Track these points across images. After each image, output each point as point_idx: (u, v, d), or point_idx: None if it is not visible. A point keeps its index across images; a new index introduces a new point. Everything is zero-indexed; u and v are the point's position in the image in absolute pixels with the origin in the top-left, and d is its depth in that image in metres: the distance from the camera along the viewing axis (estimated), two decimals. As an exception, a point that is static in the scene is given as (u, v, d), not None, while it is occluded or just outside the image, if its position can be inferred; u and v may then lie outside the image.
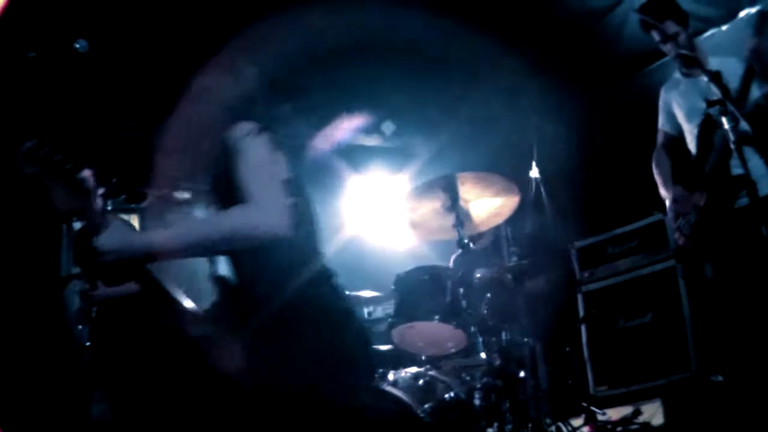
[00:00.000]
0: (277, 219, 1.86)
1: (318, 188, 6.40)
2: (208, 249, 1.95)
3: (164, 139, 2.21)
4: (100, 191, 4.89)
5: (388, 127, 5.92)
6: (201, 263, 2.12)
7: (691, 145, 3.90)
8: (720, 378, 3.94)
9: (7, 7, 4.10)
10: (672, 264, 4.37)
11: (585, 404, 4.40)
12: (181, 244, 1.88)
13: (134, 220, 5.81)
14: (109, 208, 5.17)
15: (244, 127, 2.04)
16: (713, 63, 3.52)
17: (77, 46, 3.15)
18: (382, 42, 4.91)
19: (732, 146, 3.18)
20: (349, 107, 5.62)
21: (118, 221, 1.94)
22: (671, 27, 3.80)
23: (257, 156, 1.98)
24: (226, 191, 1.99)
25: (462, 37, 4.66)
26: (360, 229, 6.33)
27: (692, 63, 3.73)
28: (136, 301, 4.74)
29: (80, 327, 4.95)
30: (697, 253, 3.75)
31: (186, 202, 2.22)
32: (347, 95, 5.51)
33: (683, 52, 3.72)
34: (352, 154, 6.24)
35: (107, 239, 1.86)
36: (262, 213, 1.87)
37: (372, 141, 6.24)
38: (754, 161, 3.38)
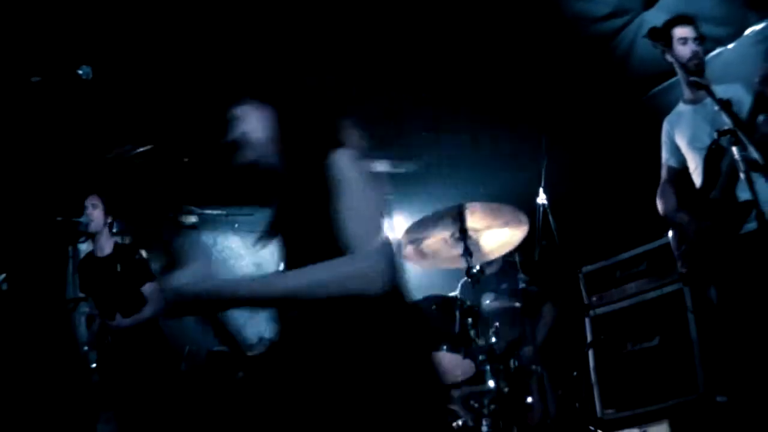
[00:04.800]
0: (379, 277, 1.75)
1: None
2: (304, 302, 1.80)
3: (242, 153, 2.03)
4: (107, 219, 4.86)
5: (379, 131, 5.84)
6: None
7: (695, 172, 3.91)
8: (725, 399, 3.95)
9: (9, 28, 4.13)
10: (679, 287, 4.38)
11: (592, 428, 4.41)
12: (278, 294, 1.78)
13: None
14: (116, 229, 5.18)
15: (346, 155, 1.89)
16: (719, 90, 3.52)
17: (81, 72, 3.16)
18: (392, 63, 4.93)
19: (742, 175, 3.21)
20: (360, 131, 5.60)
21: (196, 263, 1.83)
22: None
23: (360, 193, 1.84)
24: (313, 219, 1.87)
25: (471, 62, 4.67)
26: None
27: (701, 88, 3.74)
28: (148, 330, 4.82)
29: (86, 348, 5.00)
30: (702, 277, 3.76)
31: (192, 227, 2.18)
32: (354, 118, 5.48)
33: (693, 79, 3.74)
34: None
35: (190, 287, 1.77)
36: (366, 269, 1.75)
37: (380, 167, 6.16)
38: (760, 185, 3.37)
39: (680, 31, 3.84)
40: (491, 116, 5.36)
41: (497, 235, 4.19)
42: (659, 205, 4.00)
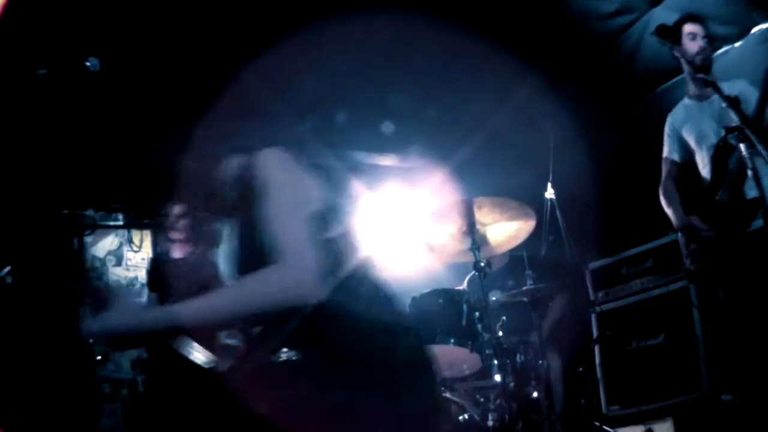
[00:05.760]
0: (305, 284, 1.67)
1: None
2: (234, 321, 1.78)
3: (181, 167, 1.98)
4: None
5: (387, 126, 5.85)
6: None
7: (704, 169, 3.92)
8: (729, 397, 3.95)
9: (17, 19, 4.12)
10: (685, 284, 4.38)
11: (597, 423, 4.41)
12: (203, 320, 1.72)
13: (147, 236, 5.86)
14: (122, 222, 5.17)
15: (267, 157, 1.82)
16: (724, 87, 3.52)
17: (88, 64, 3.15)
18: (399, 59, 4.93)
19: (749, 172, 3.21)
20: (365, 125, 5.62)
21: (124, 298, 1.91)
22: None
23: (283, 197, 1.76)
24: (250, 227, 1.79)
25: (478, 58, 4.67)
26: (374, 248, 6.29)
27: (708, 85, 3.76)
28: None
29: (92, 341, 4.98)
30: (709, 275, 3.78)
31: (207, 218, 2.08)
32: (363, 113, 5.54)
33: (700, 75, 3.77)
34: (367, 173, 6.21)
35: (118, 319, 1.74)
36: (290, 279, 1.67)
37: (387, 160, 6.24)
38: (767, 182, 3.39)
39: (690, 27, 3.89)
40: (499, 111, 5.36)
41: (505, 230, 4.20)
42: (664, 205, 4.01)
